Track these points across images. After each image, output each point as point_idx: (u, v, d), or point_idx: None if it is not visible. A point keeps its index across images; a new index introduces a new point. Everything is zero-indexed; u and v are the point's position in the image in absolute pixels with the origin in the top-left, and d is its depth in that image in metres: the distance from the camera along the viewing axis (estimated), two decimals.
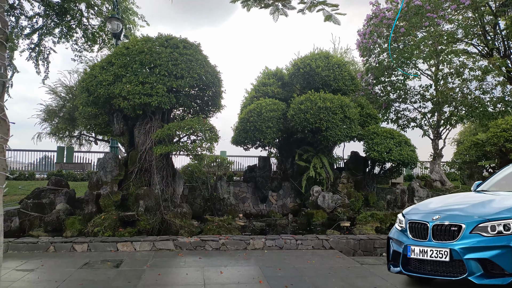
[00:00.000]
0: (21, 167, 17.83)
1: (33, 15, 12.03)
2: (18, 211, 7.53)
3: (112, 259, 5.79)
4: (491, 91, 12.82)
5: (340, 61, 11.24)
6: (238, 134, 10.42)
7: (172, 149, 7.45)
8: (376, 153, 10.03)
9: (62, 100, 18.24)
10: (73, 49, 13.68)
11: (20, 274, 4.89)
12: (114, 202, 7.38)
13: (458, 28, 12.78)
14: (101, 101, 7.65)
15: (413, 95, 13.85)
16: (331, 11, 4.89)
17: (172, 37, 7.94)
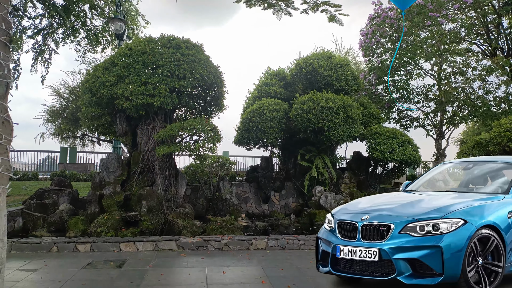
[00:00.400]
0: (24, 168, 17.90)
1: (36, 16, 12.07)
2: (21, 211, 7.56)
3: (115, 259, 5.80)
4: (495, 90, 12.76)
5: (342, 61, 11.22)
6: (241, 134, 10.42)
7: (174, 150, 7.46)
8: (378, 153, 10.00)
9: (65, 101, 18.31)
10: (76, 50, 13.73)
11: (24, 274, 4.91)
12: (117, 202, 7.39)
13: (461, 28, 12.73)
14: (104, 102, 7.67)
15: (416, 94, 13.80)
16: (334, 12, 4.88)
17: (175, 38, 7.95)
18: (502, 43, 13.02)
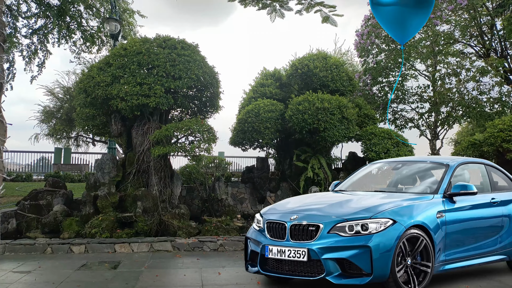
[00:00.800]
0: (18, 169, 17.77)
1: (31, 15, 11.98)
2: (15, 212, 7.50)
3: (109, 261, 5.78)
4: (488, 91, 12.87)
5: (337, 61, 11.26)
6: (236, 135, 10.42)
7: (170, 150, 7.45)
8: (374, 153, 10.05)
9: (59, 101, 18.22)
10: (71, 50, 13.65)
11: (17, 276, 4.88)
12: (112, 204, 7.36)
13: (455, 29, 12.83)
14: (99, 102, 7.64)
15: (411, 95, 13.89)
16: (328, 13, 4.91)
17: (170, 38, 7.94)
18: (496, 44, 13.14)
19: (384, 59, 13.47)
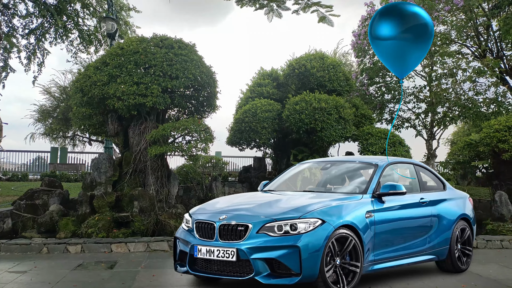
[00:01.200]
0: (14, 168, 17.68)
1: (27, 14, 11.92)
2: (10, 212, 7.47)
3: (106, 260, 5.77)
4: (484, 92, 12.93)
5: (335, 61, 11.29)
6: (233, 134, 10.42)
7: (167, 150, 7.44)
8: (370, 153, 10.07)
9: (56, 101, 18.14)
10: (68, 50, 13.59)
11: (13, 276, 4.86)
12: (108, 203, 7.34)
13: (451, 30, 12.89)
14: (95, 102, 7.62)
15: (407, 95, 13.93)
16: (325, 13, 4.92)
17: (167, 37, 7.92)
18: (492, 45, 13.20)
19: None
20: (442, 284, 4.75)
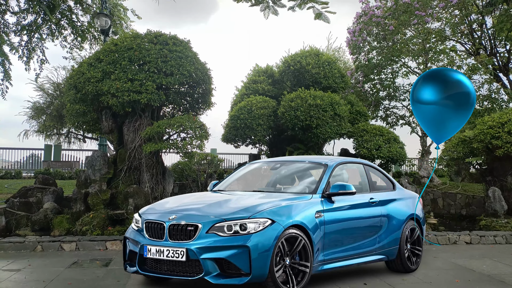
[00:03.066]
0: (7, 166, 17.52)
1: (19, 10, 11.77)
2: (4, 210, 7.40)
3: (101, 258, 5.74)
4: (478, 89, 13.01)
5: (330, 58, 11.29)
6: (229, 131, 10.40)
7: (162, 147, 7.41)
8: (365, 150, 10.12)
9: (49, 97, 18.00)
10: (62, 46, 13.45)
11: (7, 274, 4.82)
12: (103, 201, 7.30)
13: (446, 26, 12.94)
14: (89, 99, 7.56)
15: (402, 92, 13.98)
16: (321, 9, 4.91)
17: (162, 34, 7.87)
18: (485, 42, 13.28)
19: (375, 57, 13.53)
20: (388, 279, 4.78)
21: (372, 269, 5.31)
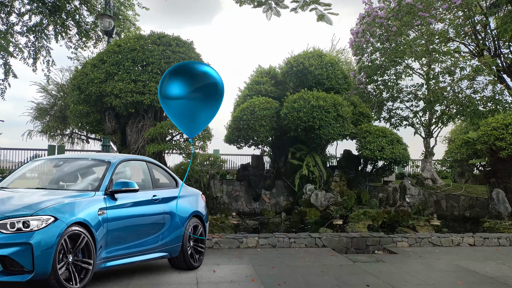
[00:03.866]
0: (11, 166, 17.63)
1: (25, 12, 11.84)
2: None
3: None
4: (482, 90, 12.96)
5: (333, 59, 11.29)
6: (231, 132, 10.41)
7: (164, 148, 7.43)
8: (368, 151, 10.10)
9: (53, 98, 18.07)
10: (67, 46, 13.52)
11: None
12: None
13: (449, 28, 12.90)
14: (93, 99, 7.59)
15: (406, 94, 13.95)
16: (323, 11, 4.91)
17: (165, 35, 7.90)
18: (489, 43, 13.22)
19: (379, 58, 13.51)
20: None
21: None
